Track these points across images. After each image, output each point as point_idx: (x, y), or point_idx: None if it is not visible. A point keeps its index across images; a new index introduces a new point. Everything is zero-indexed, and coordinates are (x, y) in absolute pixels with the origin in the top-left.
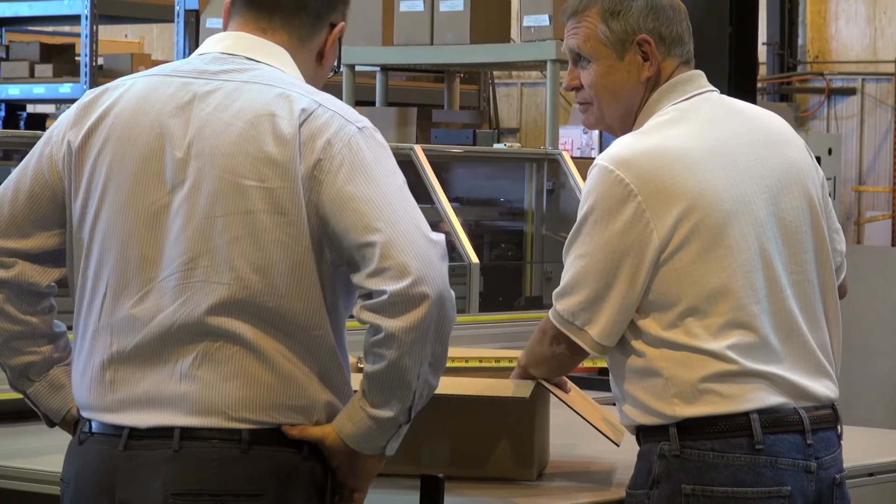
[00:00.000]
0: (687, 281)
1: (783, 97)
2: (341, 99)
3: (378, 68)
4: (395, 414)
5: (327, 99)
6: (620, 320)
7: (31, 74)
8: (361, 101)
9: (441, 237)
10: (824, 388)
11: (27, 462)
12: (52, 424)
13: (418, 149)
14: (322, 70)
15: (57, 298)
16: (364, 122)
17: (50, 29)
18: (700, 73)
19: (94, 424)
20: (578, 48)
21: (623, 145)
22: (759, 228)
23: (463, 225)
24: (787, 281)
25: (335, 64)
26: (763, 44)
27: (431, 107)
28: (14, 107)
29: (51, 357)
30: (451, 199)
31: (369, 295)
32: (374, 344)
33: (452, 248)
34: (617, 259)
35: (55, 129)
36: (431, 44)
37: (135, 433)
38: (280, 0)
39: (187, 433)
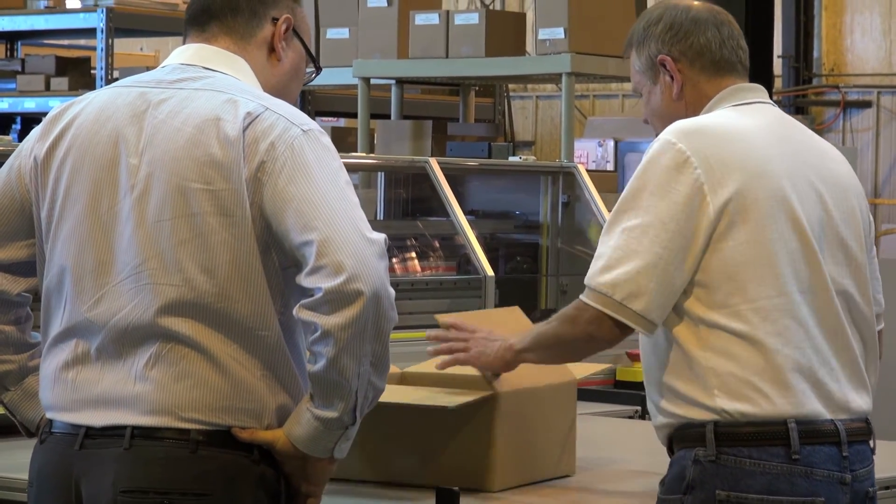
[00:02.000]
0: (736, 260)
1: (798, 110)
2: (357, 112)
3: (393, 81)
4: (339, 414)
5: (277, 104)
6: (669, 296)
7: (47, 88)
8: (377, 115)
9: (380, 237)
10: (861, 400)
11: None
12: (29, 434)
13: (433, 162)
14: (282, 67)
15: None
16: (310, 125)
17: (65, 42)
18: (762, 87)
19: (55, 424)
20: (633, 87)
21: (685, 122)
22: (809, 224)
23: (478, 238)
24: (831, 283)
25: (312, 64)
26: (778, 56)
27: (447, 120)
28: (29, 120)
29: (25, 366)
30: (466, 212)
31: (311, 294)
32: (312, 343)
33: (468, 261)
34: (671, 231)
35: (25, 143)
36: (447, 57)
37: (91, 432)
38: (212, 9)
39: (139, 432)
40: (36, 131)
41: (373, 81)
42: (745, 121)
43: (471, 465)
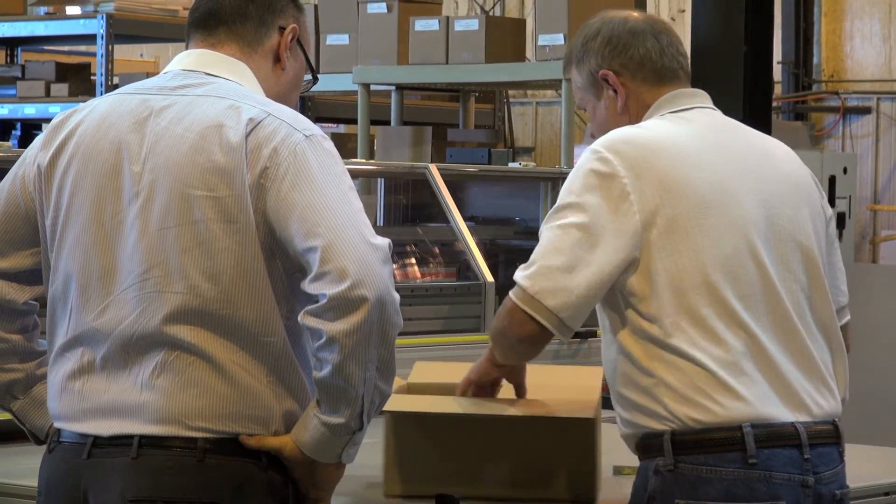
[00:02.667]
0: (669, 271)
1: (798, 116)
2: (356, 118)
3: (393, 87)
4: (346, 420)
5: (279, 109)
6: (585, 300)
7: (47, 94)
8: (377, 121)
9: (384, 242)
10: (824, 402)
11: (8, 478)
12: (38, 442)
13: (433, 168)
14: (286, 76)
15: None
16: (313, 130)
17: (65, 48)
18: (703, 92)
19: (63, 434)
20: (577, 103)
21: (615, 133)
22: (748, 226)
23: (478, 244)
24: (779, 284)
25: (311, 73)
26: (778, 63)
27: (446, 126)
28: (30, 126)
29: (33, 374)
30: (466, 219)
31: (316, 301)
32: (317, 349)
33: (468, 268)
34: (594, 236)
35: (28, 151)
36: (446, 63)
37: (98, 441)
38: (220, 14)
39: (147, 441)
40: (39, 139)
41: (373, 87)
42: (676, 129)
43: (574, 476)
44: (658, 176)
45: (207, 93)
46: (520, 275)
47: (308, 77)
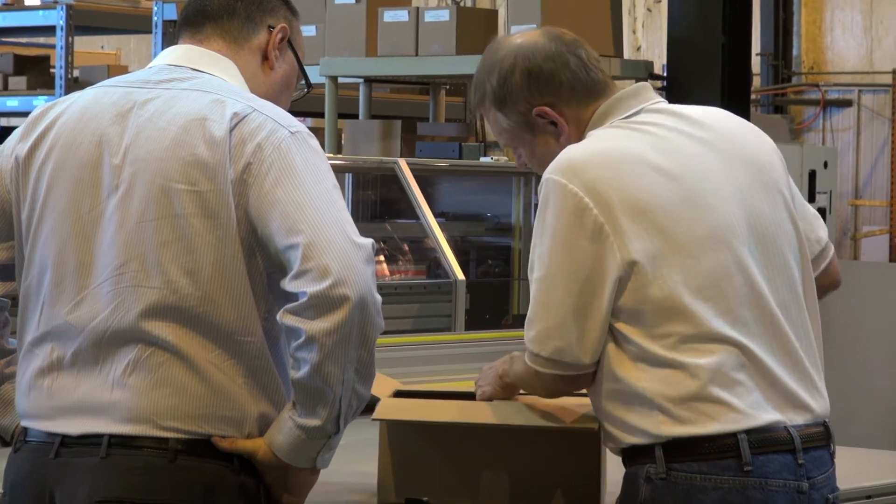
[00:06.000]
0: (656, 291)
1: (777, 109)
2: (324, 111)
3: (361, 80)
4: (322, 423)
5: (264, 105)
6: (596, 336)
7: (5, 87)
8: (345, 114)
9: (368, 241)
10: (815, 403)
11: None
12: (4, 443)
13: (402, 162)
14: (274, 76)
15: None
16: (298, 127)
17: (24, 40)
18: (644, 85)
19: (30, 432)
20: (503, 142)
21: (572, 154)
22: (731, 232)
23: (448, 240)
24: (766, 287)
25: (303, 81)
26: (757, 54)
27: (416, 119)
28: None
29: (1, 373)
30: (436, 214)
31: (296, 299)
32: (296, 348)
33: (438, 265)
34: (580, 279)
35: (6, 143)
36: (416, 55)
37: (66, 440)
38: (208, 9)
39: (117, 441)
40: (17, 131)
41: (340, 80)
42: (631, 139)
43: (577, 489)
44: (627, 198)
45: (192, 87)
46: (527, 336)
47: (302, 85)
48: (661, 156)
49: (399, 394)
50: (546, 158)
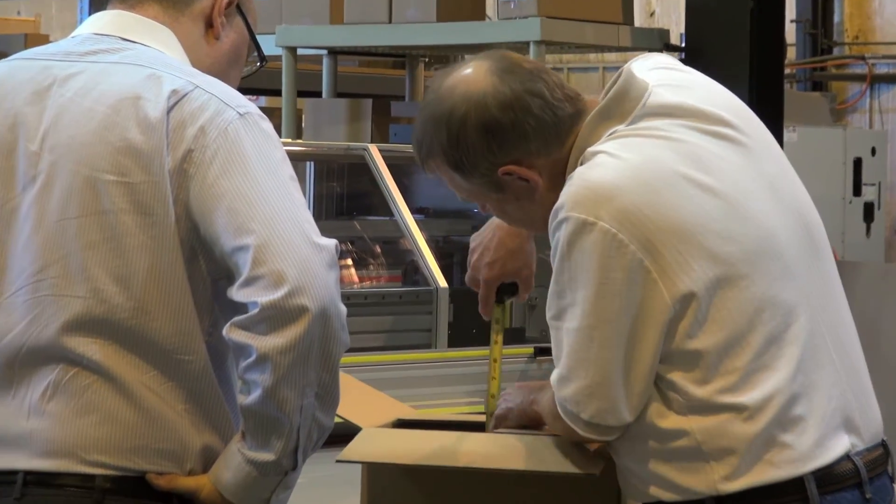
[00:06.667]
0: (713, 325)
1: (816, 85)
2: (280, 89)
3: (325, 52)
4: (277, 457)
5: (208, 81)
6: (641, 391)
7: None
8: (305, 92)
9: (330, 242)
10: (872, 422)
11: None
12: None
13: (374, 149)
14: (220, 48)
15: None
16: (248, 107)
17: None
18: (628, 73)
19: None
20: (463, 198)
21: (591, 180)
22: (775, 238)
23: (428, 241)
24: (816, 295)
25: (256, 53)
26: (792, 21)
27: (390, 98)
28: None
29: None
30: (413, 211)
31: (245, 311)
32: (245, 369)
33: (416, 270)
34: (622, 330)
35: None
36: (390, 22)
37: None
38: None
39: (33, 478)
40: None
41: (300, 52)
42: (651, 152)
43: None
44: (668, 224)
45: (123, 60)
46: (561, 394)
47: (254, 60)
48: (692, 164)
49: (401, 423)
50: (520, 216)
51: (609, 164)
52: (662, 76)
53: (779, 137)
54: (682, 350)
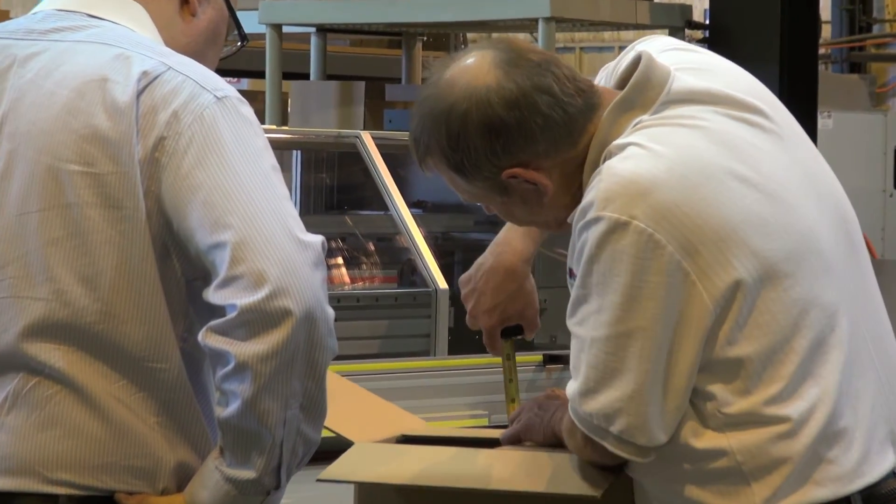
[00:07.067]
0: (757, 331)
1: (854, 67)
2: (264, 70)
3: (313, 29)
4: (258, 475)
5: (182, 62)
6: (677, 408)
7: None
8: (292, 74)
9: (317, 239)
10: None
11: None
12: None
13: (366, 136)
14: (196, 25)
15: None
16: (227, 90)
17: None
18: (647, 57)
19: None
20: (466, 200)
21: (623, 173)
22: (815, 232)
23: (426, 238)
24: (855, 293)
25: (237, 31)
26: None
27: (384, 81)
28: None
29: None
30: (410, 204)
31: (223, 314)
32: (223, 378)
33: (413, 270)
34: (658, 338)
35: None
36: None
37: None
38: None
39: None
40: None
41: (285, 29)
42: (687, 141)
43: None
44: (708, 221)
45: (89, 38)
46: (585, 408)
47: (233, 41)
48: (728, 154)
49: (405, 439)
50: (529, 219)
51: (641, 156)
52: (679, 59)
53: (812, 124)
54: (723, 358)
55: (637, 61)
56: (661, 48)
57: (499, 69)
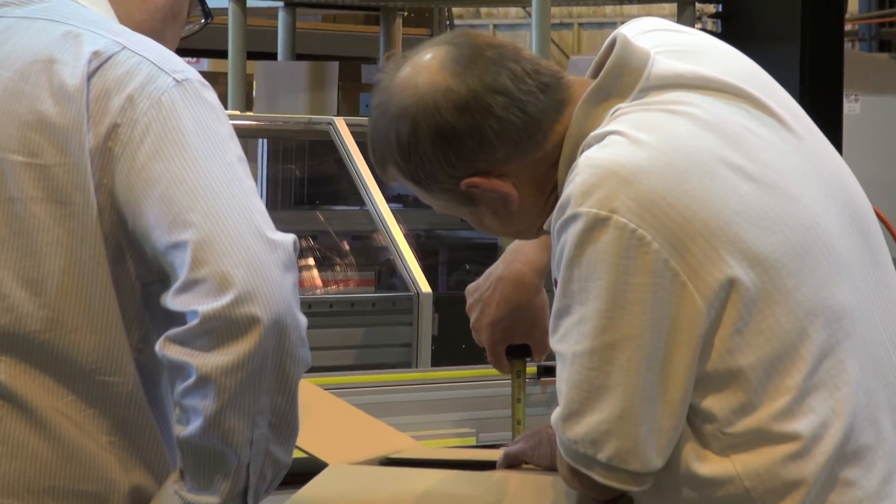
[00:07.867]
0: (758, 337)
1: (883, 45)
2: (226, 49)
3: (280, 4)
4: (222, 500)
5: (138, 41)
6: (672, 427)
7: None
8: (257, 53)
9: (288, 238)
10: None
11: None
12: None
13: (340, 123)
14: (156, 2)
15: None
16: (187, 73)
17: None
18: (622, 40)
19: None
20: (437, 210)
21: (603, 162)
22: (822, 226)
23: (407, 236)
24: (870, 292)
25: (200, 6)
26: None
27: (360, 61)
28: None
29: None
30: (389, 199)
31: (183, 322)
32: (183, 393)
33: (392, 272)
34: (646, 347)
35: None
36: None
37: None
38: None
39: None
40: None
41: (250, 4)
42: (674, 126)
43: None
44: (698, 215)
45: (34, 14)
46: (569, 434)
47: (195, 19)
48: (718, 140)
49: (388, 461)
50: (503, 229)
51: (621, 144)
52: (660, 40)
53: (838, 109)
54: (722, 370)
55: (612, 46)
56: (642, 30)
57: (447, 70)
